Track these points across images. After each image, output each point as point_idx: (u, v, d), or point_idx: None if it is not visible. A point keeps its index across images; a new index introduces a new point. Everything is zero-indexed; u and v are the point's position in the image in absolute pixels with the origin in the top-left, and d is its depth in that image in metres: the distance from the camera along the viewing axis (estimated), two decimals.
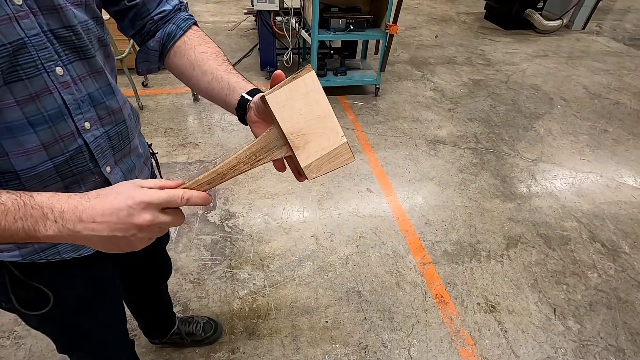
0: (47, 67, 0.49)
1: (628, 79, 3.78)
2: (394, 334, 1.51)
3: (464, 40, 4.57)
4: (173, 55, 0.66)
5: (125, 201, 0.44)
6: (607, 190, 2.32)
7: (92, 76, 0.57)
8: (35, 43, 0.47)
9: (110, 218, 0.43)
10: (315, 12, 2.56)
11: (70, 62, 0.52)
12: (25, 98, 0.48)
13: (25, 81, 0.47)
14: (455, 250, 1.87)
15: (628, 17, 5.94)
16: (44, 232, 0.42)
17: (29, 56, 0.47)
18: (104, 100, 0.59)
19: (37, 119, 0.50)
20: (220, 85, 0.61)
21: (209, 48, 0.66)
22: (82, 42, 0.53)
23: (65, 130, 0.54)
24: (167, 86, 3.16)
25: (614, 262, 1.86)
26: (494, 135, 2.78)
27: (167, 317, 1.33)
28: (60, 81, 0.51)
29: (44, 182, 0.55)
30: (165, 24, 0.66)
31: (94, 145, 0.58)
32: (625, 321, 1.60)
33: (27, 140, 0.50)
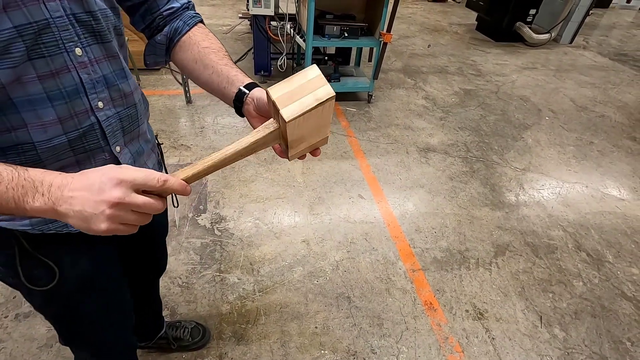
0: (67, 47, 0.53)
1: (613, 92, 3.89)
2: (383, 340, 1.51)
3: (456, 51, 4.65)
4: (178, 49, 0.71)
5: (100, 177, 0.44)
6: (593, 201, 2.37)
7: (108, 59, 0.60)
8: (59, 24, 0.51)
9: (82, 192, 0.44)
10: (311, 19, 2.59)
11: (89, 44, 0.56)
12: (46, 74, 0.51)
13: (47, 58, 0.51)
14: (445, 257, 1.89)
15: (613, 33, 6.13)
16: (32, 204, 0.44)
17: (51, 36, 0.50)
18: (117, 83, 0.62)
19: (55, 94, 0.53)
20: (219, 78, 0.66)
21: (211, 44, 0.70)
22: (101, 27, 0.57)
23: (80, 107, 0.57)
24: (159, 87, 3.14)
25: (599, 271, 1.90)
26: (483, 144, 2.83)
27: (157, 318, 1.31)
28: (78, 61, 0.55)
29: (57, 155, 0.57)
30: (173, 20, 0.70)
31: (105, 124, 0.61)
32: (608, 329, 1.64)
33: (45, 113, 0.53)
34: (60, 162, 0.58)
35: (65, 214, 0.45)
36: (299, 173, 2.33)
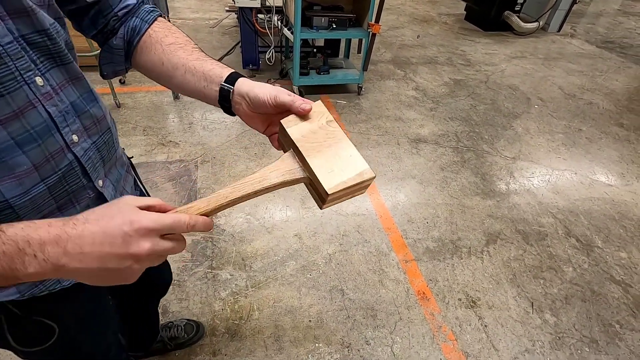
0: (26, 78, 0.45)
1: (600, 80, 3.93)
2: (377, 331, 1.52)
3: (445, 41, 4.64)
4: (140, 52, 0.61)
5: (122, 226, 0.37)
6: (582, 187, 2.40)
7: (72, 83, 0.52)
8: (11, 52, 0.42)
9: (102, 247, 0.37)
10: (298, 10, 2.55)
11: (47, 70, 0.48)
12: (8, 116, 0.43)
13: (7, 97, 0.43)
14: (437, 247, 1.90)
15: (600, 21, 6.17)
16: (24, 271, 0.35)
17: (5, 68, 0.42)
18: (87, 109, 0.55)
19: (25, 138, 0.45)
20: (195, 77, 0.57)
21: (177, 38, 0.61)
22: (58, 47, 0.49)
23: (55, 147, 0.49)
24: (146, 83, 3.08)
25: (588, 257, 1.93)
26: (474, 134, 2.84)
27: (153, 329, 1.28)
28: (42, 92, 0.47)
29: (38, 208, 0.50)
30: (129, 19, 0.61)
31: (84, 158, 0.54)
32: (598, 313, 1.66)
33: (17, 162, 0.45)
34: (40, 213, 0.51)
35: (73, 272, 0.37)
36: None
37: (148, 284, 1.01)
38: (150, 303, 1.13)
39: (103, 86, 2.73)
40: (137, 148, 2.34)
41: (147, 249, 0.38)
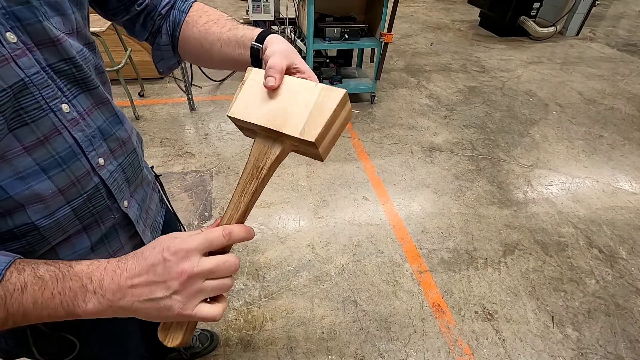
0: (52, 106, 0.45)
1: (622, 84, 3.81)
2: (391, 344, 1.49)
3: (459, 48, 4.61)
4: (183, 42, 0.63)
5: (161, 253, 0.39)
6: (604, 196, 2.32)
7: (98, 108, 0.53)
8: (37, 82, 0.43)
9: (148, 276, 0.39)
10: (310, 22, 2.59)
11: (75, 96, 0.49)
12: (33, 143, 0.44)
13: (31, 125, 0.44)
14: (452, 258, 1.86)
15: (621, 23, 6.01)
16: (84, 307, 0.39)
17: (31, 97, 0.43)
18: (113, 132, 0.56)
19: (50, 163, 0.46)
20: (230, 47, 0.57)
21: (209, 16, 0.62)
22: (84, 74, 0.50)
23: (81, 171, 0.50)
24: (163, 96, 3.17)
25: (612, 268, 1.85)
26: (489, 141, 2.79)
27: None
28: (68, 119, 0.48)
29: (63, 229, 0.51)
30: (169, 13, 0.63)
31: (110, 181, 0.55)
32: (624, 328, 1.59)
33: (42, 188, 0.46)
34: (66, 233, 0.52)
35: (129, 308, 0.39)
36: (303, 177, 2.33)
37: None
38: None
39: (123, 99, 2.82)
40: (154, 159, 2.41)
41: (187, 269, 0.39)
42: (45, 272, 0.39)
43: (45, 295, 0.38)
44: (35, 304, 0.38)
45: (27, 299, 0.38)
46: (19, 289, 0.38)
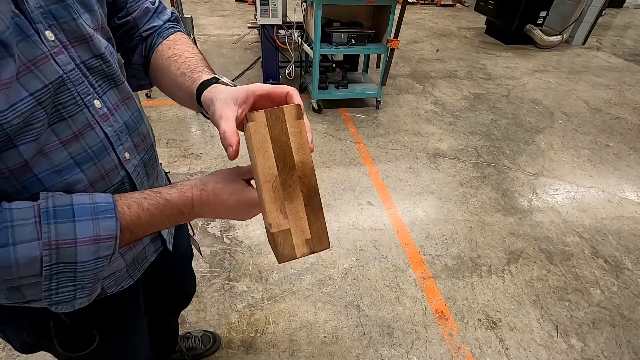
0: (86, 101, 0.48)
1: (628, 94, 3.80)
2: (394, 350, 1.49)
3: (465, 55, 4.62)
4: (152, 67, 0.62)
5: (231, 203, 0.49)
6: (609, 205, 2.31)
7: (124, 103, 0.55)
8: (73, 78, 0.46)
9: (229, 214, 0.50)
10: (318, 27, 2.61)
11: (104, 92, 0.51)
12: (69, 137, 0.46)
13: (68, 120, 0.46)
14: (456, 264, 1.86)
15: (628, 33, 6.00)
16: (183, 220, 0.51)
17: (68, 93, 0.45)
18: (137, 127, 0.58)
19: (83, 157, 0.49)
20: (182, 93, 0.56)
21: (175, 51, 0.60)
22: (112, 70, 0.52)
23: (110, 165, 0.53)
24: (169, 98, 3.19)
25: (617, 279, 1.84)
26: (494, 149, 2.79)
27: (173, 339, 1.30)
28: (99, 114, 0.50)
29: None
30: (150, 36, 0.63)
31: (134, 175, 0.57)
32: (629, 340, 1.58)
33: (75, 180, 0.48)
34: None
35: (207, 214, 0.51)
36: None
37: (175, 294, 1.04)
38: (173, 314, 1.16)
39: None
40: (160, 160, 2.42)
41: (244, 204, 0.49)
42: (149, 205, 0.47)
43: (155, 221, 0.48)
44: (149, 225, 0.48)
45: (143, 224, 0.47)
46: (136, 220, 0.46)
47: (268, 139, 0.42)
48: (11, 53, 0.37)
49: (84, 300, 0.48)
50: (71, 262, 0.43)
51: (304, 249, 0.44)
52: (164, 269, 0.81)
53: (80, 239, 0.42)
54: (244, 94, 0.45)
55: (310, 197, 0.44)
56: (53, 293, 0.44)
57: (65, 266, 0.43)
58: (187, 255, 1.00)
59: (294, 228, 0.44)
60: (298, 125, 0.43)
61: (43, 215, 0.41)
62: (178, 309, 1.15)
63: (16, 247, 0.39)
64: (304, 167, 0.43)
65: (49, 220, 0.41)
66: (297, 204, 0.44)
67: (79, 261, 0.43)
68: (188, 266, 1.03)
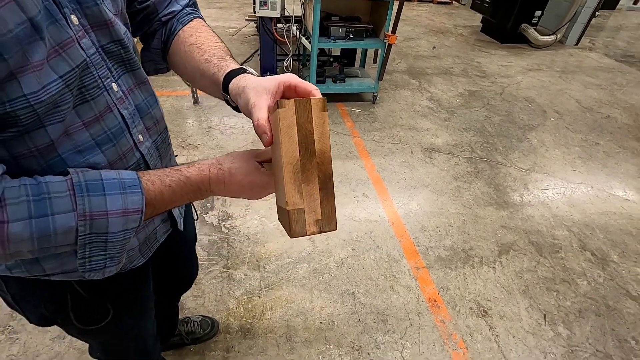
0: (106, 84, 0.50)
1: (619, 94, 3.88)
2: (388, 336, 1.53)
3: (461, 52, 4.67)
4: (172, 53, 0.64)
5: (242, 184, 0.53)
6: (598, 201, 2.37)
7: (138, 87, 0.57)
8: (95, 62, 0.47)
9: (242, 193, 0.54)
10: (316, 20, 2.62)
11: (120, 76, 0.53)
12: (91, 119, 0.49)
13: (91, 102, 0.48)
14: (449, 255, 1.90)
15: (620, 35, 6.10)
16: (200, 197, 0.54)
17: (91, 76, 0.47)
18: (150, 111, 0.60)
19: (103, 139, 0.51)
20: (206, 81, 0.58)
21: (198, 38, 0.62)
22: (129, 55, 0.53)
23: (126, 146, 0.55)
24: (167, 88, 3.19)
25: (603, 271, 1.90)
26: (488, 144, 2.84)
27: (173, 322, 1.32)
28: (117, 97, 0.52)
29: None
30: (169, 21, 0.64)
31: (148, 156, 0.59)
32: (613, 328, 1.64)
33: (96, 161, 0.50)
34: None
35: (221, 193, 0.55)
36: None
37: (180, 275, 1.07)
38: (177, 295, 1.18)
39: None
40: None
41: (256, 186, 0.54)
42: (171, 182, 0.50)
43: (176, 197, 0.51)
44: (171, 201, 0.51)
45: (165, 199, 0.51)
46: (159, 195, 0.50)
47: (295, 125, 0.45)
48: (42, 36, 0.39)
49: (113, 269, 0.51)
50: (103, 233, 0.46)
51: (314, 227, 0.48)
52: (172, 250, 0.83)
53: (111, 211, 0.45)
54: (276, 84, 0.48)
55: (325, 183, 0.47)
56: (87, 261, 0.48)
57: (98, 236, 0.46)
58: (192, 238, 1.03)
59: (307, 208, 0.47)
60: (322, 117, 0.46)
61: (77, 189, 0.44)
62: (181, 291, 1.18)
63: (54, 217, 0.42)
64: (323, 155, 0.47)
65: (82, 193, 0.44)
66: (313, 187, 0.47)
67: (110, 232, 0.46)
68: (193, 249, 1.06)
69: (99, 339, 0.80)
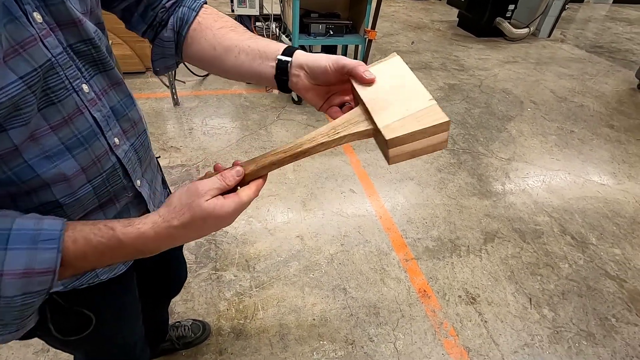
0: (75, 86, 0.47)
1: (590, 83, 4.03)
2: (380, 328, 1.54)
3: (439, 47, 4.74)
4: (190, 41, 0.61)
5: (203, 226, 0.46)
6: (575, 187, 2.46)
7: (113, 88, 0.54)
8: (62, 62, 0.44)
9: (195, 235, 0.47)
10: (296, 18, 2.61)
11: (91, 77, 0.50)
12: (59, 122, 0.45)
13: (58, 104, 0.45)
14: (436, 246, 1.94)
15: (589, 27, 6.33)
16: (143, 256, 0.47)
17: (57, 77, 0.44)
18: (126, 113, 0.57)
19: (73, 143, 0.48)
20: (249, 56, 0.56)
21: (226, 22, 0.61)
22: (101, 55, 0.51)
23: (100, 150, 0.52)
24: (146, 91, 3.11)
25: (583, 253, 1.97)
26: (469, 136, 2.90)
27: (163, 328, 1.30)
28: (88, 99, 0.49)
29: (83, 206, 0.53)
30: (176, 9, 0.61)
31: (125, 160, 0.57)
32: (594, 307, 1.70)
33: (67, 166, 0.48)
34: (85, 211, 0.54)
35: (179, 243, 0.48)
36: (291, 170, 2.35)
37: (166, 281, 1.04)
38: (165, 300, 1.16)
39: None
40: None
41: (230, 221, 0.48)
42: (98, 243, 0.42)
43: (105, 259, 0.44)
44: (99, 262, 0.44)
45: (91, 261, 0.43)
46: (81, 257, 0.42)
47: None
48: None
49: (9, 337, 0.43)
50: None
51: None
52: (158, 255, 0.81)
53: (7, 270, 0.37)
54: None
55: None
56: None
57: None
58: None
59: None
60: None
61: None
62: (170, 296, 1.15)
63: None
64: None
65: None
66: None
67: (2, 295, 0.38)
68: (180, 253, 1.04)
69: (83, 349, 0.77)
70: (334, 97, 0.57)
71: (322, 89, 0.56)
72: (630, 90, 3.91)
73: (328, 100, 0.57)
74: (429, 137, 0.46)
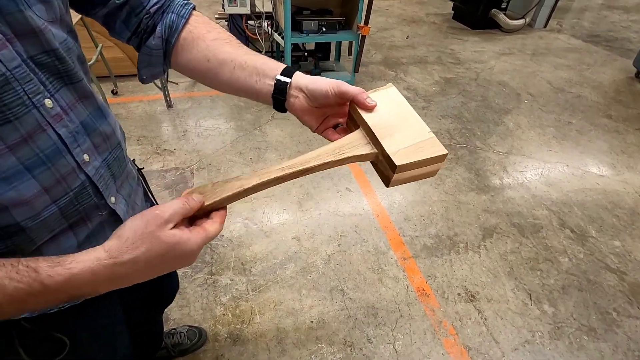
0: (35, 101, 0.43)
1: (587, 73, 3.99)
2: (379, 329, 1.53)
3: (434, 40, 4.70)
4: (180, 50, 0.58)
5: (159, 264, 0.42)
6: (574, 179, 2.44)
7: (81, 102, 0.51)
8: (19, 76, 0.41)
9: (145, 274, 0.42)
10: (287, 15, 2.58)
11: (57, 90, 0.46)
12: (16, 141, 0.42)
13: (14, 122, 0.41)
14: (434, 243, 1.92)
15: (585, 16, 6.27)
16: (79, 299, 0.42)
17: (14, 93, 0.41)
18: (97, 127, 0.53)
19: (34, 162, 0.44)
20: (245, 72, 0.55)
21: (219, 34, 0.58)
22: (67, 66, 0.47)
23: (66, 168, 0.48)
24: (138, 93, 3.08)
25: (583, 247, 1.96)
26: (466, 130, 2.87)
27: (157, 337, 1.27)
28: (51, 115, 0.45)
29: (49, 228, 0.50)
30: (163, 15, 0.58)
31: (96, 177, 0.53)
32: (595, 302, 1.69)
33: (26, 187, 0.44)
34: (52, 233, 0.51)
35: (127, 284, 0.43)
36: None
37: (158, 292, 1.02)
38: (157, 312, 1.13)
39: None
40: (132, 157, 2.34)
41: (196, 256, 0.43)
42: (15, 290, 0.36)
43: (28, 306, 0.38)
44: (19, 309, 0.38)
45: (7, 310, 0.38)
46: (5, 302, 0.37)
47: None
48: None
49: None
50: None
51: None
52: None
53: None
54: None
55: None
56: None
57: None
58: None
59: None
60: None
61: None
62: (163, 306, 1.13)
63: None
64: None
65: None
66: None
67: None
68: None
69: None
70: (329, 118, 0.58)
71: (319, 112, 0.56)
72: (628, 79, 3.87)
73: (323, 122, 0.58)
74: (427, 166, 0.52)
